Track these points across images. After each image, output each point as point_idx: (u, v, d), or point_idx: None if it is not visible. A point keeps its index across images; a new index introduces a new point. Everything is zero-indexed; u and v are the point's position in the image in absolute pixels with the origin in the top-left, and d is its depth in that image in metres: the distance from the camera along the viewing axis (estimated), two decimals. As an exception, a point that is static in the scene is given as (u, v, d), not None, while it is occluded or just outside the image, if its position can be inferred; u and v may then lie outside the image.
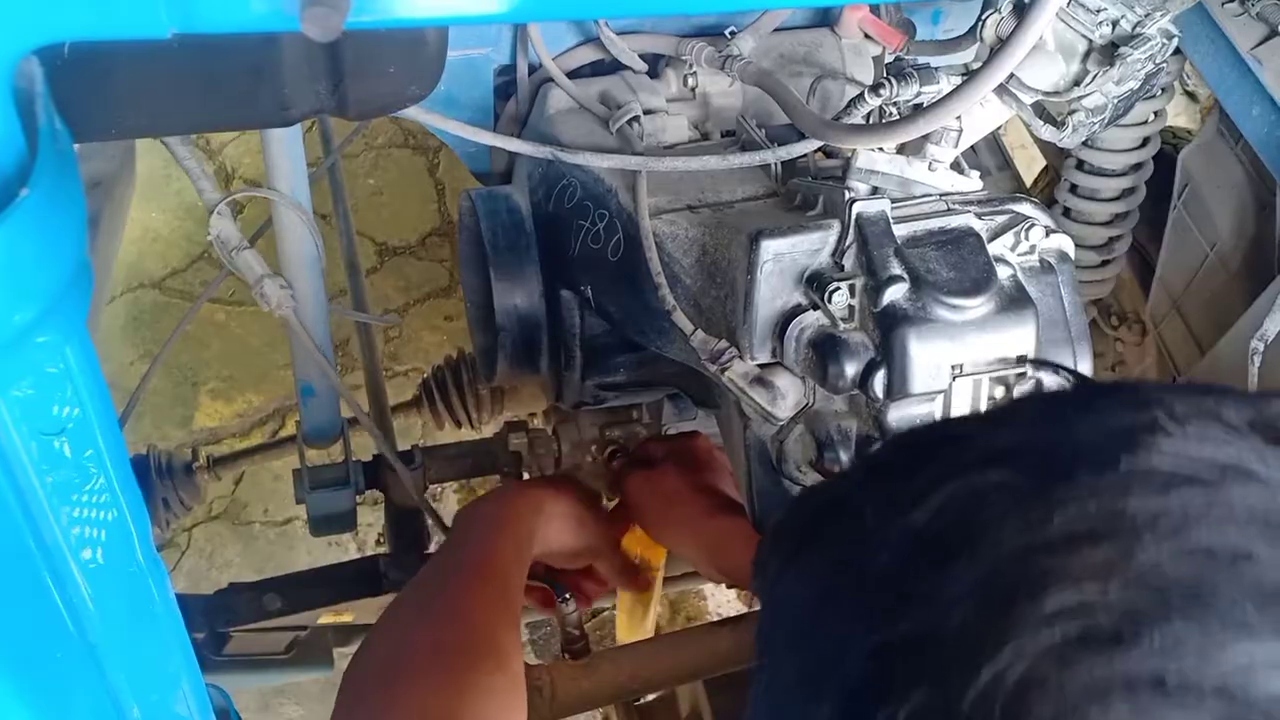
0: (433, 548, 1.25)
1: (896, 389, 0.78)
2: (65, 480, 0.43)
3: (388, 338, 2.24)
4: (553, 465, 1.19)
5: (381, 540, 1.87)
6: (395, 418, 1.42)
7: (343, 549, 1.94)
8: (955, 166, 0.87)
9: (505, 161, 1.18)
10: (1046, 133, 0.89)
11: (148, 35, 0.33)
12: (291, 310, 1.08)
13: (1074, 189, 1.51)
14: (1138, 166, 1.45)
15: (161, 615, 0.53)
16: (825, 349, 0.80)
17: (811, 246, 0.82)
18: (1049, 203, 1.54)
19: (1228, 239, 1.39)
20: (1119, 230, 1.53)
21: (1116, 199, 1.49)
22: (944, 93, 0.85)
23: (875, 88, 0.83)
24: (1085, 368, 0.85)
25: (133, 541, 0.48)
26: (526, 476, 1.21)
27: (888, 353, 0.78)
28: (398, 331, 2.24)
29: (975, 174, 0.88)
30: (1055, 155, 1.65)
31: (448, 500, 2.03)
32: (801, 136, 0.91)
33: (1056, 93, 0.89)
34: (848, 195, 0.82)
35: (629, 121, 1.00)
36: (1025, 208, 0.86)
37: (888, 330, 0.78)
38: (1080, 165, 1.48)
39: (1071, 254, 0.87)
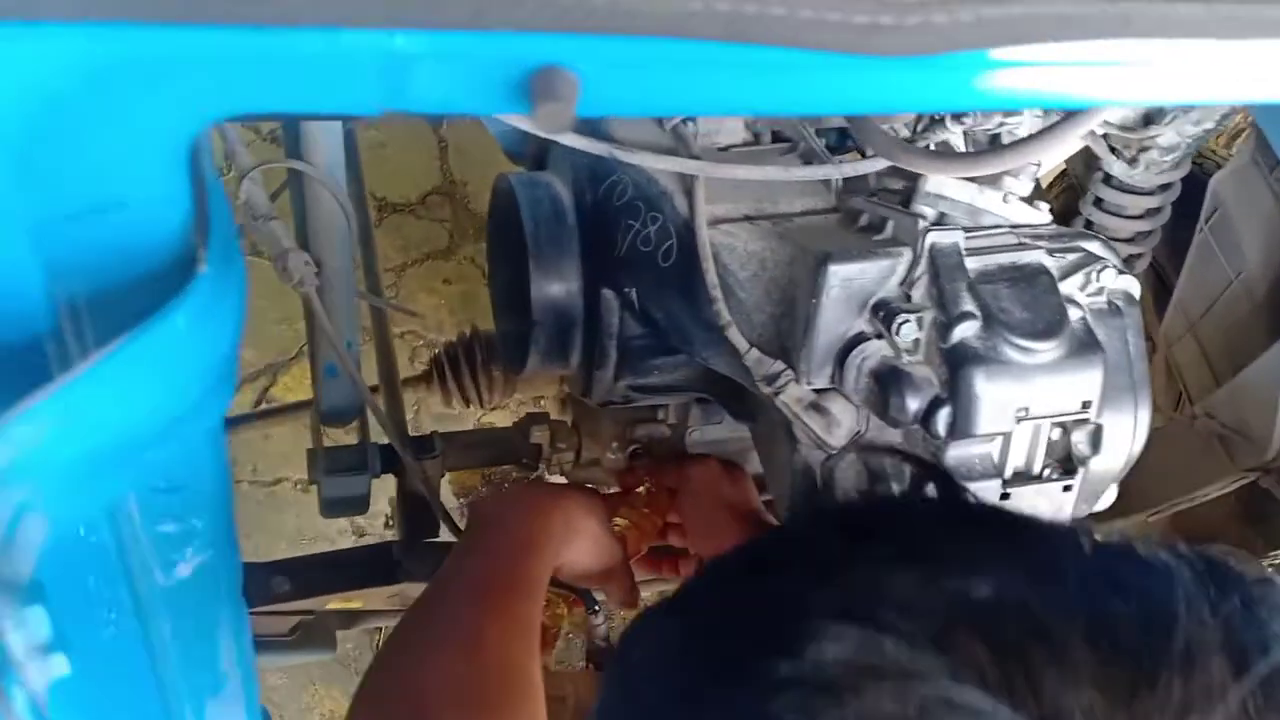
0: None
1: (960, 429, 0.76)
2: (167, 534, 0.40)
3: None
4: (573, 460, 1.17)
5: (389, 522, 1.85)
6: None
7: (335, 520, 1.91)
8: (1026, 198, 0.85)
9: (541, 144, 1.14)
10: (1118, 169, 0.88)
11: (355, 113, 0.30)
12: (315, 288, 1.05)
13: (1099, 203, 1.49)
14: (1166, 187, 1.44)
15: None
16: (888, 381, 0.78)
17: (880, 274, 0.80)
18: (1070, 214, 1.53)
19: (1254, 269, 1.39)
20: (1140, 249, 1.52)
21: (1141, 217, 1.47)
22: (1023, 123, 0.83)
23: (958, 114, 0.81)
24: (1145, 415, 0.84)
25: (220, 586, 0.46)
26: (545, 470, 1.19)
27: (954, 391, 0.76)
28: (394, 293, 2.20)
29: (1044, 206, 0.86)
30: (1082, 167, 1.64)
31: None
32: (851, 141, 0.89)
33: (1129, 129, 0.87)
34: (921, 224, 0.80)
35: (683, 120, 0.97)
36: (1095, 246, 0.84)
37: (956, 368, 0.76)
38: (1108, 180, 1.46)
39: (1138, 296, 0.85)
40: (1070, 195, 1.61)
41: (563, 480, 1.20)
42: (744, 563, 0.41)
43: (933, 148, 0.89)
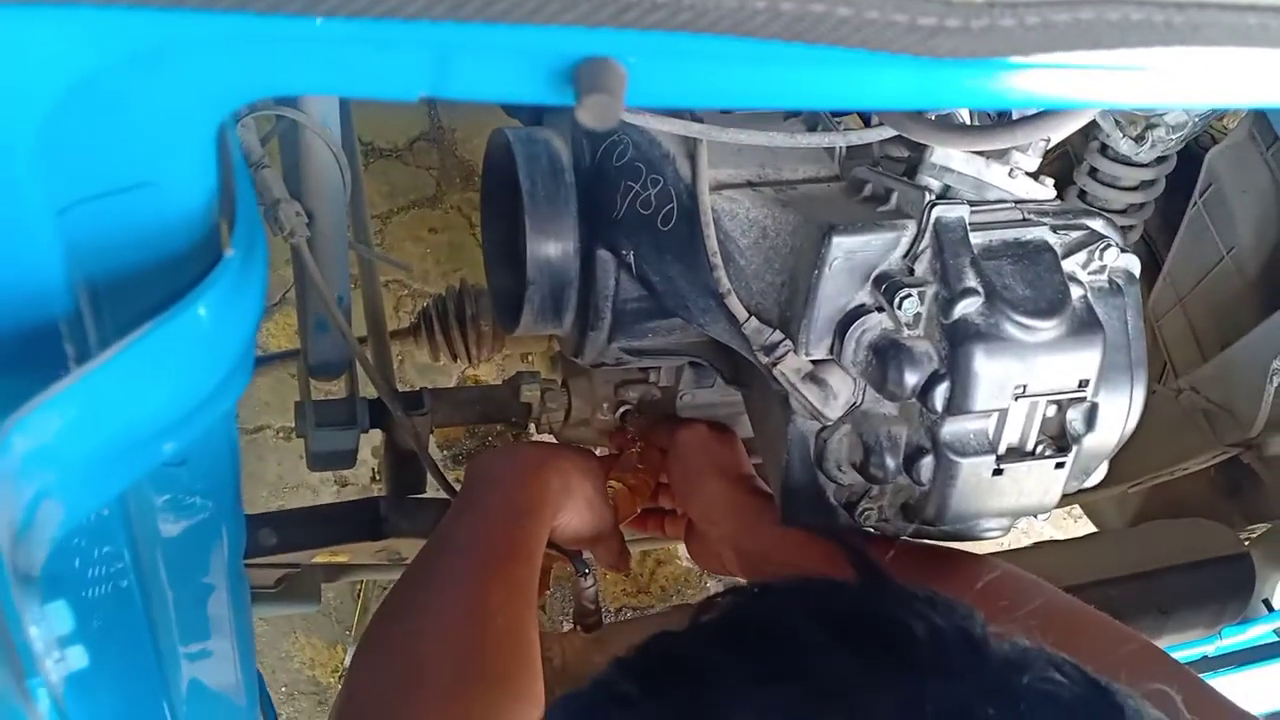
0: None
1: (957, 405, 0.76)
2: (175, 500, 0.39)
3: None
4: (562, 419, 1.16)
5: (376, 475, 1.84)
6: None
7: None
8: (1032, 173, 0.84)
9: (539, 98, 1.12)
10: (1125, 146, 0.87)
11: (391, 97, 0.29)
12: (305, 239, 1.03)
13: (1093, 173, 1.48)
14: (1162, 159, 1.44)
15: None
16: (888, 355, 0.78)
17: (884, 247, 0.79)
18: (1063, 182, 1.52)
19: (1247, 245, 1.39)
20: (1132, 220, 1.52)
21: (1135, 189, 1.47)
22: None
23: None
24: (1140, 394, 0.84)
25: (221, 553, 0.45)
26: (534, 429, 1.18)
27: (954, 367, 0.76)
28: (380, 241, 2.17)
29: (1050, 182, 0.86)
30: (1078, 136, 1.63)
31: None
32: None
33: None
34: (927, 197, 0.79)
35: (687, 81, 0.95)
36: (1099, 224, 0.84)
37: (956, 344, 0.76)
38: (1104, 150, 1.45)
39: (1137, 275, 0.85)
40: (1064, 163, 1.60)
41: (551, 439, 1.20)
42: (630, 686, 0.41)
43: (934, 118, 0.88)
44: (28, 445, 0.26)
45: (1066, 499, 0.92)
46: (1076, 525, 2.09)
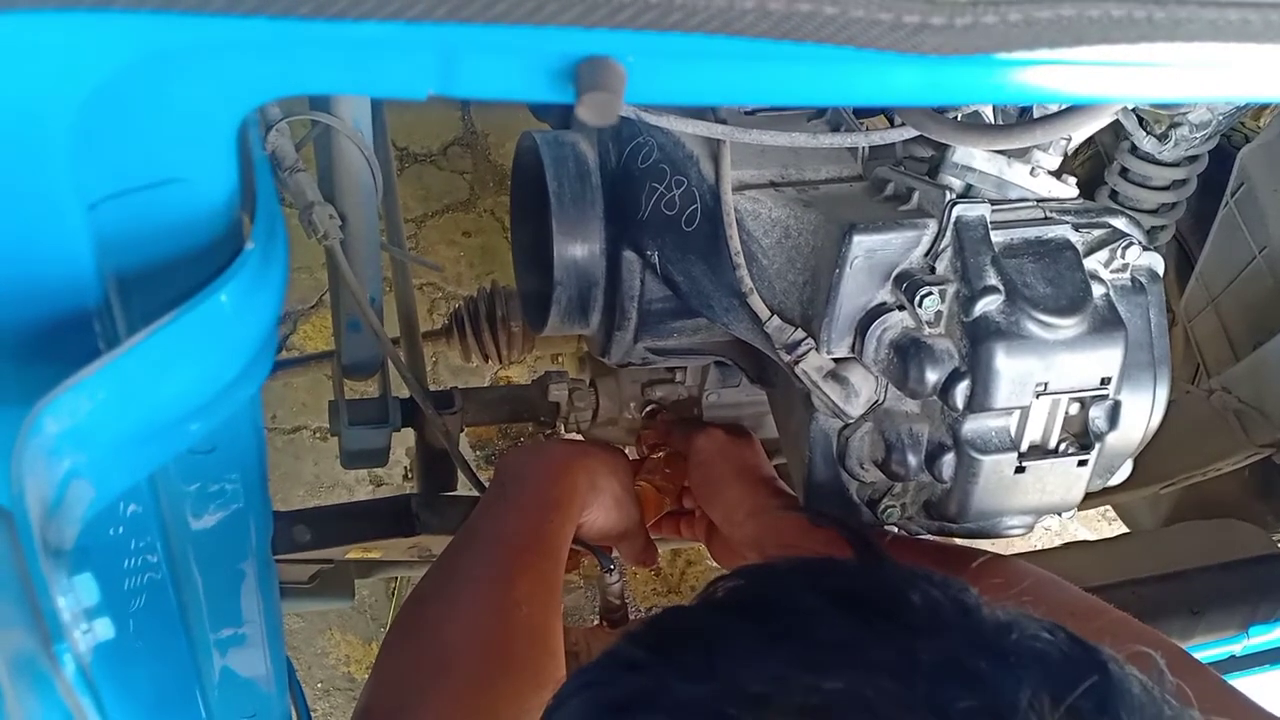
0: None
1: (978, 402, 0.77)
2: (204, 488, 0.41)
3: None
4: (590, 418, 1.18)
5: (408, 474, 1.87)
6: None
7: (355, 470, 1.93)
8: (1053, 172, 0.85)
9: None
10: (1148, 144, 0.87)
11: (402, 96, 0.30)
12: (338, 241, 1.05)
13: (1124, 173, 1.48)
14: (1193, 159, 1.43)
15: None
16: (909, 353, 0.79)
17: (905, 245, 0.80)
18: (1095, 182, 1.51)
19: (1278, 244, 1.38)
20: (1164, 220, 1.51)
21: (1167, 188, 1.46)
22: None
23: (988, 87, 0.80)
24: (1163, 392, 0.84)
25: (249, 542, 0.47)
26: (562, 428, 1.19)
27: (974, 365, 0.76)
28: (414, 244, 2.20)
29: (1072, 180, 0.86)
30: (1110, 135, 1.62)
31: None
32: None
33: (1162, 104, 0.86)
34: (948, 196, 0.80)
35: (711, 83, 0.96)
36: (1121, 222, 0.84)
37: (977, 342, 0.76)
38: (1134, 150, 1.45)
39: (1161, 273, 0.85)
40: (1096, 163, 1.60)
41: (580, 438, 1.21)
42: (639, 652, 0.43)
43: (961, 118, 0.88)
44: (59, 426, 0.28)
45: (1095, 498, 0.92)
46: (1110, 527, 2.08)
